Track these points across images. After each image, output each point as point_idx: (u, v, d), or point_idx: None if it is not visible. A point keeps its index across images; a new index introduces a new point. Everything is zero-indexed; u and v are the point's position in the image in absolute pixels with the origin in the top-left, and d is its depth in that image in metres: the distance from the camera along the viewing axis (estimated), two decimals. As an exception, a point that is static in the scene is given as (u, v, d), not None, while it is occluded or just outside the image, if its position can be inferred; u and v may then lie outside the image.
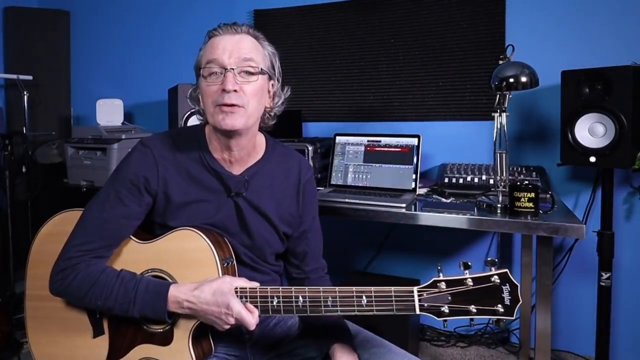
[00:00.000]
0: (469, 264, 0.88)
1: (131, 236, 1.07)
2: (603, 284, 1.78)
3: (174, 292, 0.98)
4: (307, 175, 1.20)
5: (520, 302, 0.86)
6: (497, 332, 2.24)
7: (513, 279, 0.87)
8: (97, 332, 1.06)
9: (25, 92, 2.73)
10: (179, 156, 1.09)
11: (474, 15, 2.19)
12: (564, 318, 2.12)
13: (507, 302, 0.85)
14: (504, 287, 0.86)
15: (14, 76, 2.75)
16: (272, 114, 1.13)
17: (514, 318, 0.86)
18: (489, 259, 0.88)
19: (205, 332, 1.05)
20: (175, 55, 2.87)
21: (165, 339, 1.02)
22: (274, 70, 1.10)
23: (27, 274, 1.12)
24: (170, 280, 1.03)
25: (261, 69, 1.04)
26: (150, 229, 1.12)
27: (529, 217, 1.44)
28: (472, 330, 2.28)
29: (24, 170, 2.53)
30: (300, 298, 0.95)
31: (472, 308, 0.86)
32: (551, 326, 1.48)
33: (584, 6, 2.02)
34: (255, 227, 1.11)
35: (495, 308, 0.86)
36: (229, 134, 1.04)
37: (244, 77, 1.02)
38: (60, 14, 3.11)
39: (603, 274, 1.78)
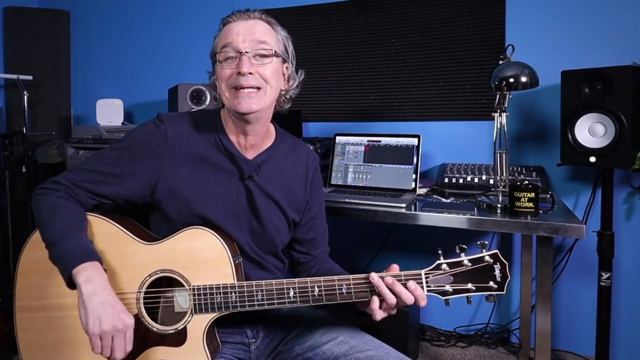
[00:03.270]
0: (465, 247, 0.97)
1: (136, 238, 1.05)
2: (603, 284, 1.78)
3: (93, 265, 0.94)
4: (314, 164, 1.24)
5: (509, 278, 0.95)
6: (497, 332, 2.24)
7: (502, 258, 0.96)
8: None
9: (25, 92, 2.73)
10: (194, 137, 1.09)
11: (474, 15, 2.19)
12: (564, 318, 2.12)
13: (499, 278, 0.95)
14: (495, 266, 0.96)
15: (14, 76, 2.75)
16: (288, 96, 1.15)
17: (504, 292, 0.95)
18: (479, 242, 0.97)
19: (214, 330, 1.05)
20: (175, 55, 2.87)
21: (178, 340, 1.01)
22: (288, 54, 1.12)
23: (17, 284, 1.06)
24: (182, 281, 1.01)
25: (275, 51, 1.06)
26: (157, 226, 1.12)
27: (529, 217, 1.44)
28: (472, 330, 2.28)
29: (24, 170, 2.53)
30: (316, 288, 0.98)
31: (471, 286, 0.95)
32: (551, 326, 1.48)
33: (584, 6, 2.02)
34: (265, 212, 1.12)
35: (489, 285, 0.96)
36: (246, 119, 1.05)
37: (259, 60, 1.03)
38: (60, 14, 3.12)
39: (603, 274, 1.78)
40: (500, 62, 1.61)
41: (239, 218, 1.10)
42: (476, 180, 1.86)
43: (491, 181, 1.83)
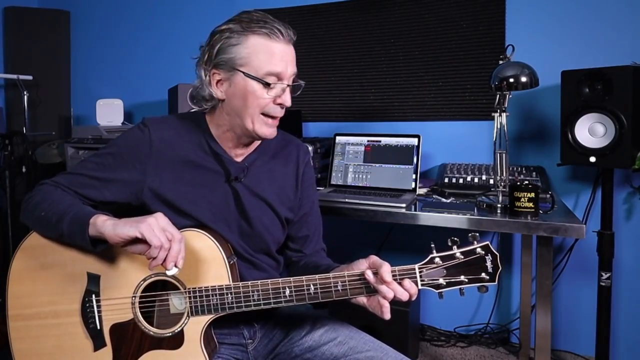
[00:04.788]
0: (457, 239, 0.97)
1: None
2: (603, 284, 1.78)
3: (99, 215, 0.95)
4: (306, 159, 1.23)
5: (500, 269, 0.96)
6: (497, 332, 2.24)
7: (493, 250, 0.96)
8: (98, 344, 1.02)
9: (25, 92, 2.73)
10: (180, 140, 1.09)
11: (474, 15, 2.19)
12: (564, 318, 2.12)
13: (490, 269, 0.96)
14: (486, 257, 0.96)
15: (14, 76, 2.75)
16: None
17: (495, 283, 0.95)
18: (470, 234, 0.97)
19: (211, 331, 1.05)
20: (175, 55, 2.87)
21: (175, 343, 1.01)
22: None
23: (9, 293, 1.04)
24: (178, 284, 1.01)
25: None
26: None
27: (529, 217, 1.44)
28: (472, 330, 2.28)
29: (24, 170, 2.53)
30: (312, 286, 0.98)
31: (463, 278, 0.96)
32: (551, 326, 1.48)
33: (584, 6, 2.02)
34: (254, 213, 1.11)
35: (481, 276, 0.96)
36: (256, 140, 1.10)
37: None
38: (60, 14, 3.12)
39: (603, 274, 1.78)
40: (500, 62, 1.61)
41: (227, 220, 1.10)
42: (476, 180, 1.86)
43: (491, 181, 1.83)
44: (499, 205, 1.55)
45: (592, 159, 1.69)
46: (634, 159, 1.65)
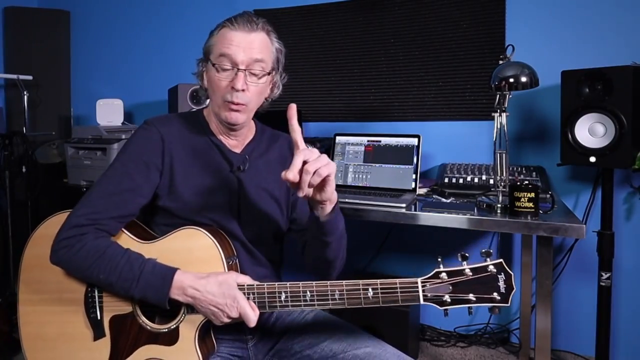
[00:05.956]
0: (467, 255, 0.92)
1: (133, 236, 1.06)
2: (603, 284, 1.78)
3: (180, 277, 0.97)
4: None
5: (514, 290, 0.90)
6: (497, 332, 2.24)
7: (507, 269, 0.91)
8: (98, 334, 1.04)
9: (25, 92, 2.73)
10: (184, 133, 1.13)
11: (474, 15, 2.19)
12: (564, 318, 2.12)
13: (503, 290, 0.89)
14: (499, 276, 0.90)
15: (14, 76, 2.75)
16: (269, 99, 1.19)
17: (509, 305, 0.89)
18: (483, 250, 0.92)
19: (208, 330, 1.05)
20: (175, 55, 2.87)
21: (170, 339, 1.02)
22: (278, 65, 1.14)
23: (20, 279, 1.09)
24: None
25: (268, 71, 1.09)
26: (157, 222, 1.12)
27: (529, 217, 1.44)
28: (472, 330, 2.28)
29: (24, 170, 2.53)
30: (308, 293, 0.96)
31: (472, 297, 0.90)
32: (551, 326, 1.48)
33: (584, 6, 2.02)
34: (256, 202, 1.14)
35: (492, 296, 0.89)
36: (232, 128, 1.11)
37: (252, 79, 1.07)
38: (60, 14, 3.12)
39: (603, 274, 1.78)
40: (500, 62, 1.61)
41: (233, 210, 1.12)
42: (476, 180, 1.86)
43: (491, 181, 1.83)
44: (499, 205, 1.54)
45: (592, 159, 1.69)
46: (634, 159, 1.65)
